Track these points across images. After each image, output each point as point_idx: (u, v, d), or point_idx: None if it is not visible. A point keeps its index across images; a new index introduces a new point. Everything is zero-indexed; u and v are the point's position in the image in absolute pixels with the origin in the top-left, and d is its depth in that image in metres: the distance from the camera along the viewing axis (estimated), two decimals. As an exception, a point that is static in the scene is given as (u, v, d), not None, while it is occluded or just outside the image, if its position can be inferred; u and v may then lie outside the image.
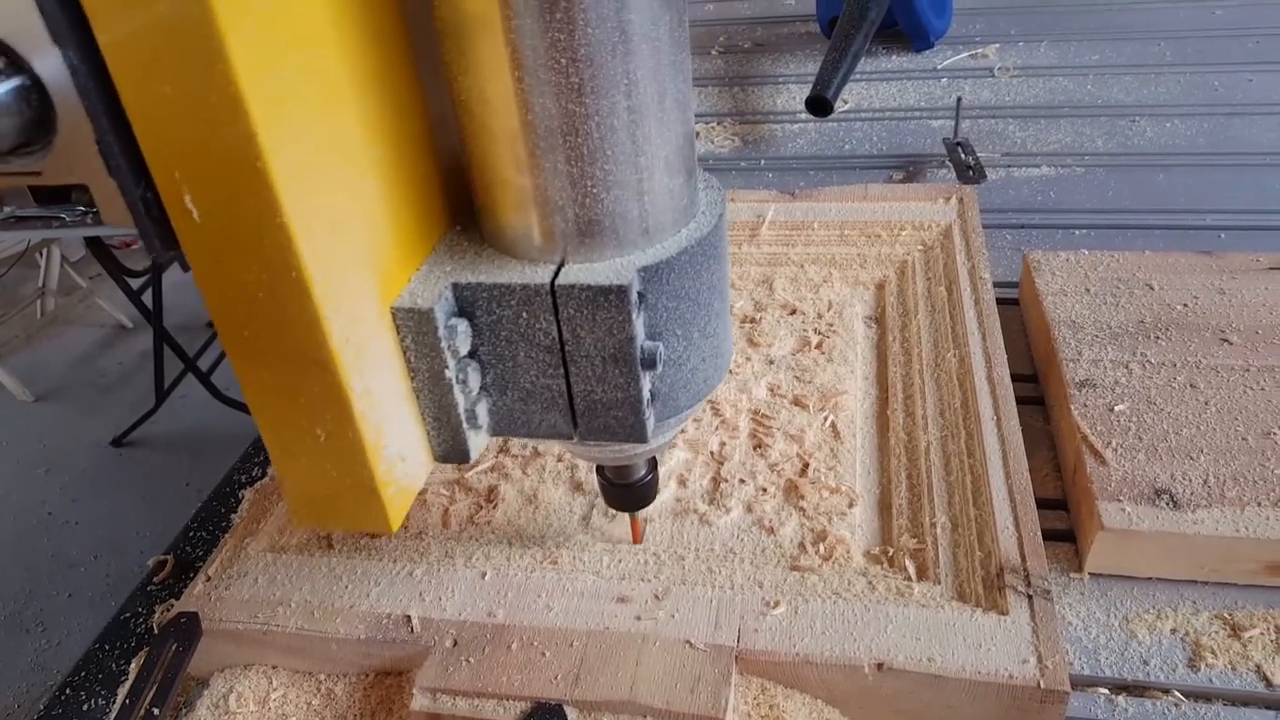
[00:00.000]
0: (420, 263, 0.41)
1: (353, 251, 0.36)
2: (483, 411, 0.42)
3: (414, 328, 0.39)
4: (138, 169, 0.31)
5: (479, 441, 0.43)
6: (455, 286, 0.39)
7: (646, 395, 0.41)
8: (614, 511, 0.58)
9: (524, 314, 0.39)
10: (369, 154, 0.36)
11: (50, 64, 0.30)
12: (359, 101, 0.35)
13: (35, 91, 0.30)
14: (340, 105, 0.34)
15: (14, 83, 0.30)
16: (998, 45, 1.36)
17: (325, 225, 0.34)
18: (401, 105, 0.38)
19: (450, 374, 0.40)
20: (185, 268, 0.36)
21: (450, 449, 0.42)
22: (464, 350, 0.40)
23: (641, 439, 0.42)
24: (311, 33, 0.32)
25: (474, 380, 0.41)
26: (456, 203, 0.43)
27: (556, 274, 0.38)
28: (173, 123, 0.30)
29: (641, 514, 0.56)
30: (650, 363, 0.39)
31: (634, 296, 0.38)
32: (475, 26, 0.34)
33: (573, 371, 0.40)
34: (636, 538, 0.56)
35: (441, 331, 0.38)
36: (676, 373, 0.42)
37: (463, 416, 0.41)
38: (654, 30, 0.35)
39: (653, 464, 0.52)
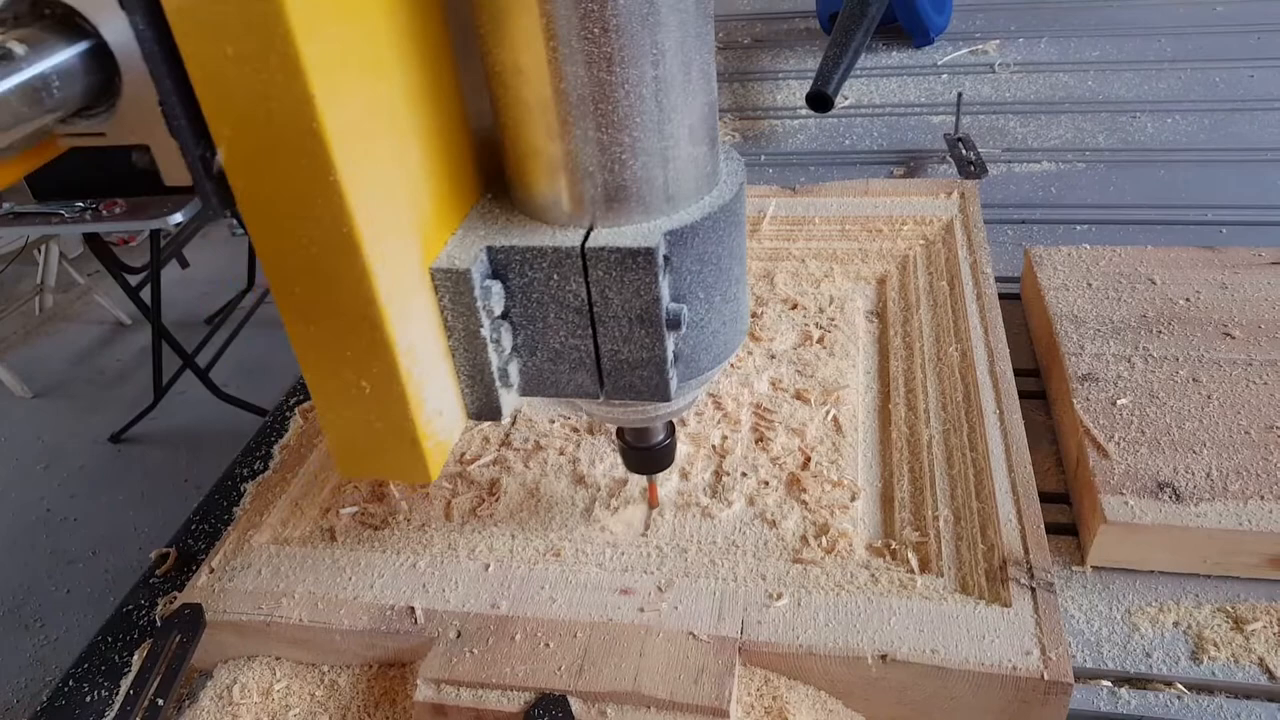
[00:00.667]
0: (455, 228, 0.42)
1: (397, 213, 0.37)
2: (514, 371, 0.44)
3: (451, 288, 0.40)
4: (198, 130, 0.33)
5: (510, 400, 0.45)
6: (490, 250, 0.41)
7: (670, 355, 0.42)
8: (617, 505, 0.58)
9: (555, 276, 0.40)
10: (411, 122, 0.38)
11: (117, 28, 0.31)
12: (403, 71, 0.37)
13: (101, 55, 0.31)
14: (386, 74, 0.36)
15: (81, 47, 0.31)
16: (998, 41, 1.36)
17: (373, 187, 0.35)
18: (439, 77, 0.40)
19: (485, 333, 0.41)
20: (184, 264, 0.36)
21: (483, 406, 0.44)
22: (498, 310, 0.41)
23: (665, 398, 0.43)
24: (361, 3, 0.34)
25: (507, 340, 0.42)
26: (487, 174, 0.45)
27: (586, 238, 0.40)
28: (233, 85, 0.31)
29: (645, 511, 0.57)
30: (675, 323, 0.41)
31: (660, 259, 0.39)
32: None
33: (600, 332, 0.42)
34: (653, 499, 0.57)
35: (477, 291, 0.40)
36: (699, 334, 0.44)
37: (495, 375, 0.43)
38: (681, 1, 0.36)
39: (670, 428, 0.53)
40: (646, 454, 0.53)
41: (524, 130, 0.39)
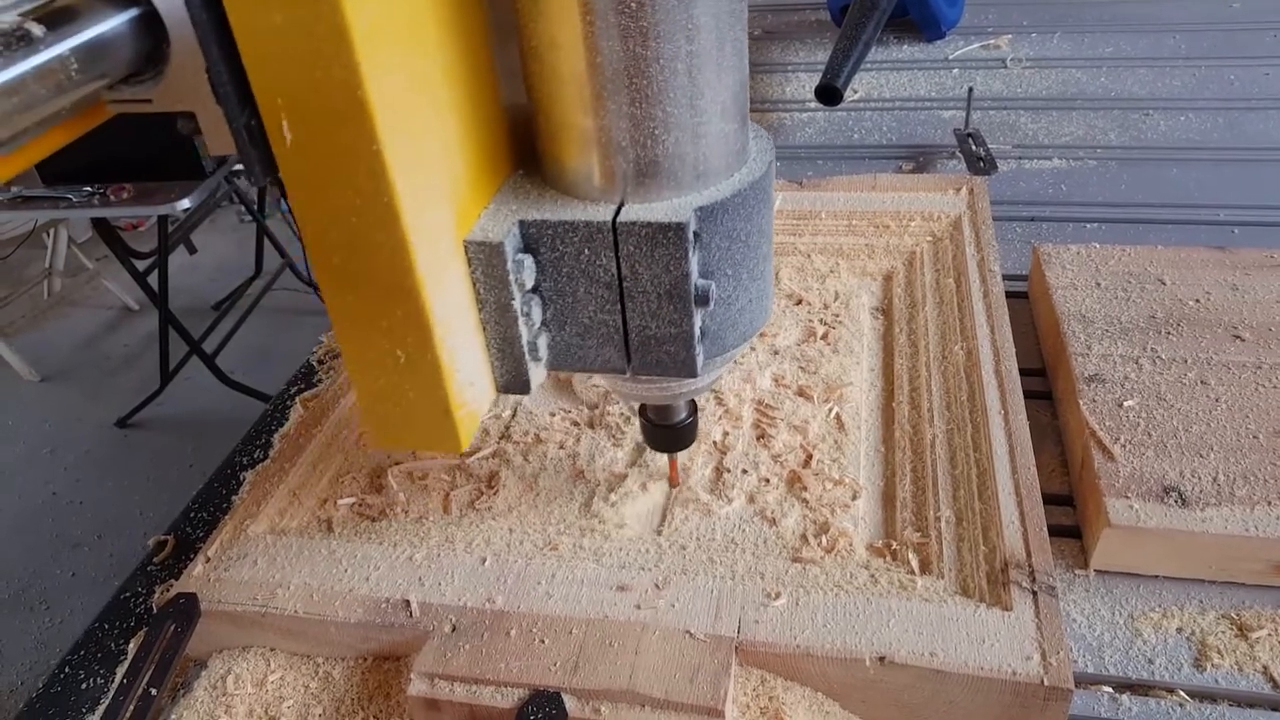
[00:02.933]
0: (488, 202, 0.42)
1: (435, 184, 0.38)
2: (543, 345, 0.44)
3: (484, 260, 0.40)
4: (244, 97, 0.33)
5: (539, 373, 0.45)
6: (522, 224, 0.41)
7: (698, 331, 0.43)
8: (615, 499, 0.58)
9: (586, 250, 0.41)
10: (449, 95, 0.38)
11: None
12: (443, 44, 0.37)
13: (151, 21, 0.32)
14: (427, 45, 0.36)
15: (132, 13, 0.32)
16: (1010, 36, 1.35)
17: (413, 158, 0.35)
18: (476, 51, 0.40)
19: (516, 306, 0.41)
20: (192, 250, 0.36)
21: (513, 379, 0.44)
22: (529, 284, 0.42)
23: (692, 373, 0.44)
24: None
25: (537, 314, 0.43)
26: (518, 151, 0.45)
27: (617, 213, 0.40)
28: (280, 52, 0.31)
29: (650, 507, 0.56)
30: (703, 300, 0.41)
31: (690, 235, 0.39)
32: None
33: (629, 307, 0.42)
34: (674, 478, 0.58)
35: (510, 265, 0.40)
36: (726, 311, 0.44)
37: (525, 349, 0.43)
38: None
39: (693, 406, 0.53)
40: (669, 432, 0.53)
41: (558, 105, 0.39)
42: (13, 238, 2.91)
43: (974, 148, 1.01)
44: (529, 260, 0.41)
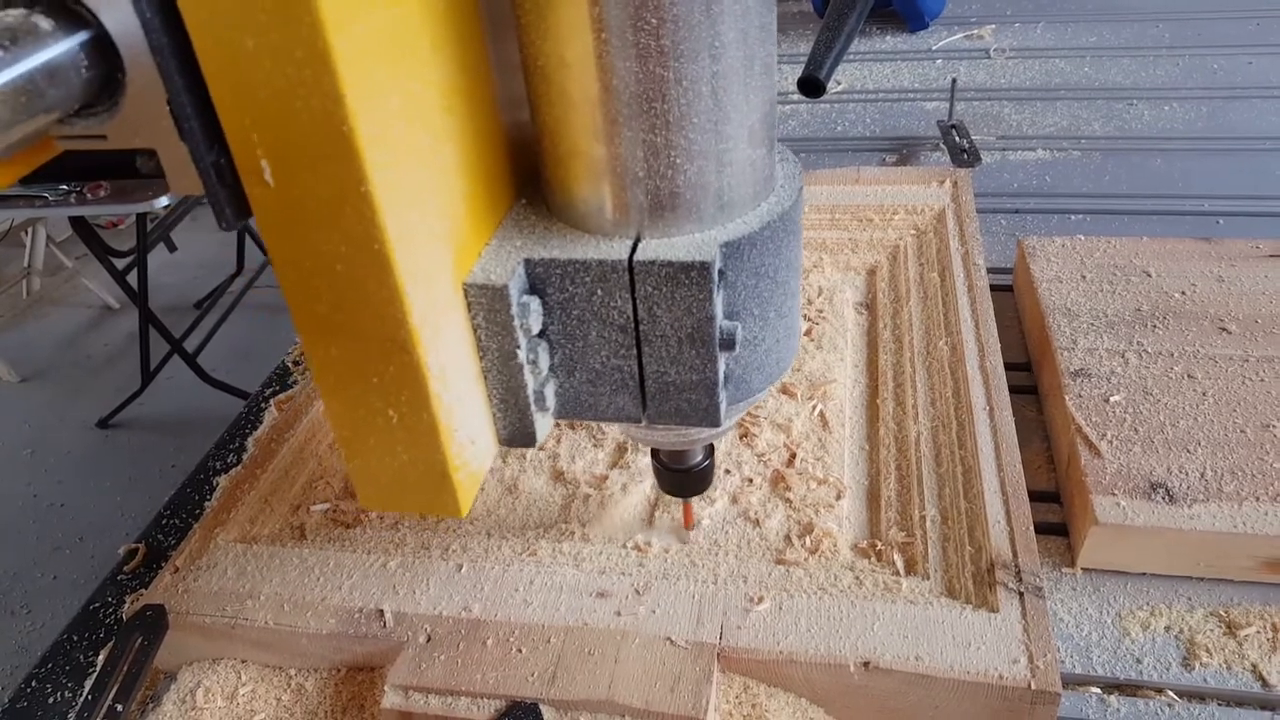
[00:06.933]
0: (489, 238, 0.39)
1: (431, 223, 0.34)
2: (550, 393, 0.41)
3: (486, 305, 0.37)
4: (212, 132, 0.29)
5: (545, 424, 0.42)
6: (527, 262, 0.37)
7: (721, 377, 0.39)
8: (596, 502, 0.57)
9: (598, 291, 0.37)
10: (445, 120, 0.34)
11: (120, 16, 0.27)
12: (437, 64, 0.33)
13: (102, 47, 0.28)
14: (420, 67, 0.32)
15: (80, 38, 0.28)
16: (994, 26, 1.34)
17: (406, 194, 0.32)
18: (474, 70, 0.36)
19: (522, 354, 0.38)
20: (172, 248, 0.34)
21: (516, 432, 0.41)
22: (535, 329, 0.38)
23: (715, 423, 0.40)
24: None
25: (544, 360, 0.39)
26: (520, 175, 0.42)
27: (634, 250, 0.36)
28: (253, 81, 0.28)
29: (631, 509, 0.55)
30: (729, 343, 0.38)
31: (715, 274, 0.36)
32: None
33: (646, 352, 0.39)
34: (689, 522, 0.54)
35: (515, 309, 0.37)
36: (752, 353, 0.41)
37: (531, 398, 0.40)
38: None
39: (710, 449, 0.50)
40: (684, 476, 0.50)
41: (567, 130, 0.36)
42: (-10, 237, 2.88)
43: (958, 139, 1.00)
44: (535, 302, 0.37)
